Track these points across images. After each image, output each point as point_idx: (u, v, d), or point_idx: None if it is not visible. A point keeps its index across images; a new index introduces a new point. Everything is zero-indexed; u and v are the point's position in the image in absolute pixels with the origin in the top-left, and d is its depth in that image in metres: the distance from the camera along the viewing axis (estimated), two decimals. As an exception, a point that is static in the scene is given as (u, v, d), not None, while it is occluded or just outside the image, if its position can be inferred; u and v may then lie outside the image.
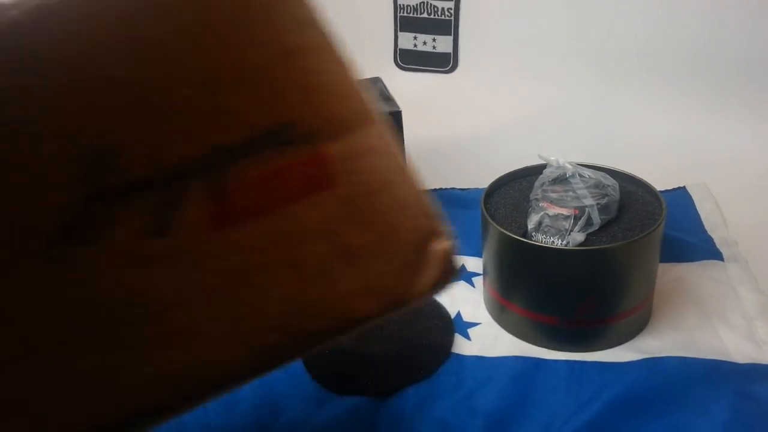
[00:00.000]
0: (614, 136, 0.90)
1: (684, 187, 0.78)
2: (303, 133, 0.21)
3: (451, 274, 0.24)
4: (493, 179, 0.62)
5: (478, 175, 0.72)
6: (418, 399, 0.52)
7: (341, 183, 0.22)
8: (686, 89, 0.90)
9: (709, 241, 0.69)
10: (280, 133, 0.21)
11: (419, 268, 0.23)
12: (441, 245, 0.24)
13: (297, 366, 0.55)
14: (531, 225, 0.54)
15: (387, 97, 0.69)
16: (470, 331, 0.59)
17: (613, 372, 0.53)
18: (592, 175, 0.57)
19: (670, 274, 0.63)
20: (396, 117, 0.65)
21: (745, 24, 0.84)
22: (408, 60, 1.07)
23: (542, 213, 0.54)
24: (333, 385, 0.53)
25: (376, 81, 0.73)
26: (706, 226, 0.71)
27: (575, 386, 0.52)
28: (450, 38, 1.04)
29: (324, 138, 0.22)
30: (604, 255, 0.52)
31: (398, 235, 0.23)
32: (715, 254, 0.66)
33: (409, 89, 1.05)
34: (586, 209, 0.54)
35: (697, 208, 0.75)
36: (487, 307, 0.61)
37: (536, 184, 0.58)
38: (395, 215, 0.23)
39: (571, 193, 0.55)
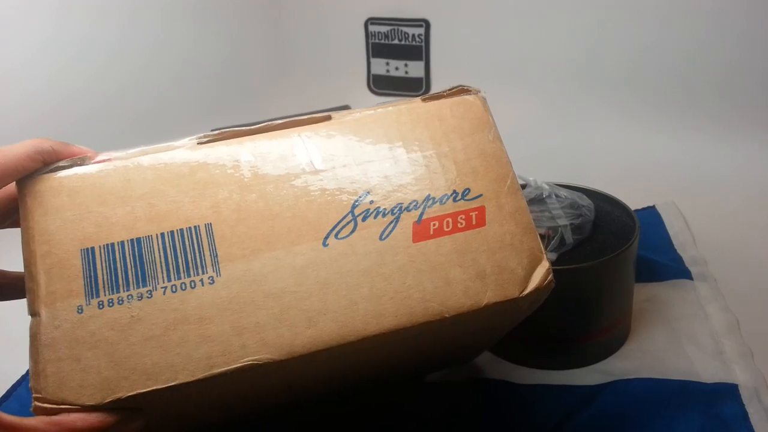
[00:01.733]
0: (585, 156, 0.91)
1: (654, 206, 0.79)
2: (473, 194, 0.38)
3: (548, 286, 0.38)
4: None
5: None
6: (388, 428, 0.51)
7: (490, 224, 0.38)
8: (655, 109, 0.91)
9: (679, 260, 0.69)
10: (460, 193, 0.38)
11: (528, 279, 0.37)
12: (543, 268, 0.38)
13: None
14: None
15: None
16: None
17: (581, 396, 0.52)
18: (568, 195, 0.57)
19: (641, 294, 0.63)
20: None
21: (715, 45, 0.85)
22: (381, 85, 1.08)
23: None
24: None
25: (344, 108, 0.73)
26: (675, 245, 0.72)
27: (542, 411, 0.51)
28: (422, 63, 1.05)
29: (483, 199, 0.38)
30: (576, 274, 0.52)
31: (519, 258, 0.38)
32: (685, 273, 0.66)
33: (382, 114, 1.06)
34: (560, 229, 0.54)
35: (667, 227, 0.75)
36: None
37: None
38: (519, 245, 0.38)
39: (546, 213, 0.56)
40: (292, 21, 1.07)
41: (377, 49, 1.07)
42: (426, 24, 1.03)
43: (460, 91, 0.43)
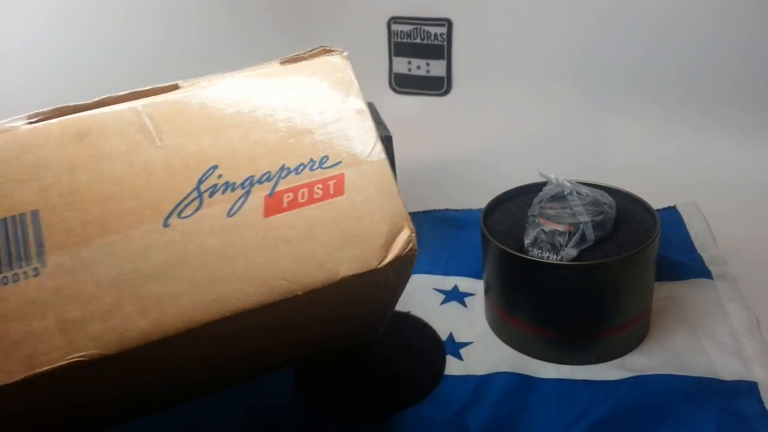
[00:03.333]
0: (606, 155, 0.91)
1: (674, 206, 0.79)
2: (332, 161, 0.36)
3: (410, 254, 0.36)
4: (489, 199, 0.63)
5: (473, 196, 0.73)
6: (409, 422, 0.52)
7: (349, 192, 0.36)
8: (679, 110, 0.91)
9: (699, 260, 0.70)
10: (318, 162, 0.36)
11: (388, 249, 0.36)
12: (405, 235, 0.36)
13: (287, 387, 0.56)
14: (527, 240, 0.56)
15: (378, 122, 0.70)
16: (462, 351, 0.59)
17: (602, 390, 0.53)
18: (590, 193, 0.58)
19: (660, 292, 0.64)
20: (386, 141, 0.67)
21: (732, 44, 0.85)
22: (403, 84, 1.09)
23: (538, 229, 0.55)
24: (323, 407, 0.54)
25: (369, 106, 0.75)
26: (695, 245, 0.72)
27: (564, 405, 0.52)
28: (443, 62, 1.06)
29: (343, 166, 0.36)
30: (595, 270, 0.53)
31: (378, 227, 0.36)
32: (705, 273, 0.67)
33: (404, 112, 1.07)
34: (581, 226, 0.55)
35: (687, 227, 0.76)
36: (489, 322, 0.63)
37: (535, 201, 0.60)
38: (379, 213, 0.36)
39: (568, 210, 0.57)
40: (315, 20, 1.09)
41: (399, 48, 1.08)
42: (448, 23, 1.04)
43: (322, 52, 0.40)
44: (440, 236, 0.77)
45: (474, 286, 0.67)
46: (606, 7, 0.92)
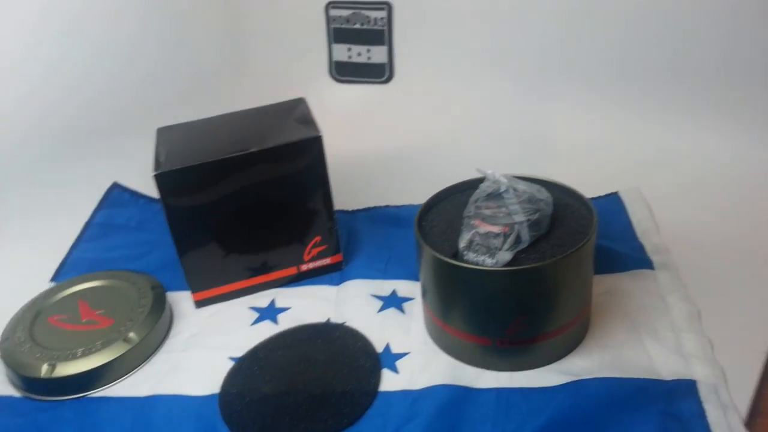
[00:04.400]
0: (549, 142, 0.90)
1: (617, 192, 0.78)
2: None
3: None
4: (430, 195, 0.61)
5: (416, 190, 0.70)
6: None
7: None
8: (621, 94, 0.89)
9: (640, 248, 0.68)
10: None
11: None
12: None
13: (214, 417, 0.53)
14: (462, 244, 0.54)
15: (308, 121, 0.67)
16: (398, 363, 0.57)
17: (540, 399, 0.52)
18: (527, 189, 0.56)
19: (600, 286, 0.62)
20: (316, 142, 0.63)
21: (671, 26, 0.84)
22: (343, 72, 1.05)
23: (473, 231, 0.53)
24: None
25: (299, 102, 0.71)
26: (637, 233, 0.71)
27: (501, 417, 0.51)
28: (385, 48, 1.02)
29: None
30: (530, 274, 0.51)
31: None
32: (646, 263, 0.66)
33: (345, 102, 1.03)
34: (516, 226, 0.53)
35: (629, 215, 0.74)
36: (427, 329, 0.60)
37: (471, 200, 0.57)
38: None
39: (503, 209, 0.55)
40: (247, 5, 1.04)
41: (339, 34, 1.04)
42: (388, 7, 1.00)
43: None
44: (380, 236, 0.74)
45: (413, 289, 0.65)
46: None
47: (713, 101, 0.83)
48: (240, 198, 0.64)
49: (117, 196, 0.86)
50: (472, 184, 0.61)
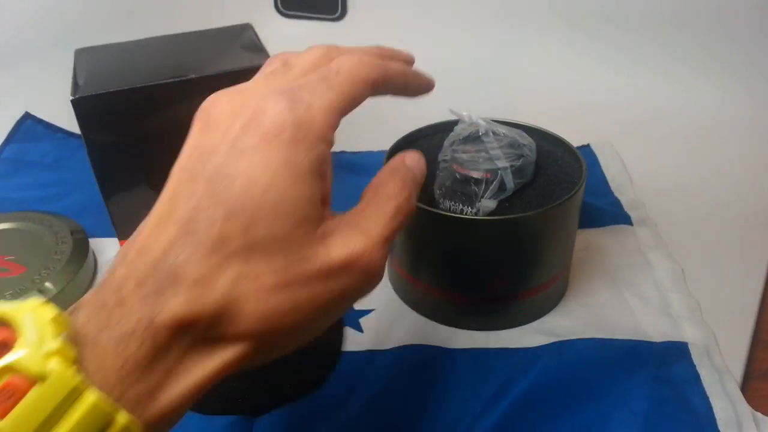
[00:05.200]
0: (514, 89, 0.84)
1: (588, 145, 0.73)
2: None
3: None
4: (392, 141, 0.54)
5: (374, 137, 0.63)
6: (304, 414, 0.43)
7: None
8: (591, 40, 0.84)
9: (617, 203, 0.64)
10: None
11: None
12: None
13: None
14: (438, 190, 0.48)
15: (258, 48, 0.58)
16: (362, 321, 0.51)
17: (521, 360, 0.47)
18: (508, 133, 0.50)
19: (578, 241, 0.57)
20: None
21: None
22: (290, 5, 0.95)
23: (450, 176, 0.47)
24: (202, 405, 0.44)
25: (246, 28, 0.62)
26: (612, 188, 0.67)
27: (479, 381, 0.45)
28: (337, -19, 0.93)
29: None
30: (518, 225, 0.46)
31: None
32: (624, 218, 0.62)
33: (292, 39, 0.93)
34: (499, 172, 0.47)
35: (603, 168, 0.70)
36: (393, 286, 0.54)
37: (446, 143, 0.51)
38: None
39: (483, 154, 0.48)
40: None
41: (286, -37, 0.94)
42: (341, -66, 0.90)
43: None
44: (336, 184, 0.66)
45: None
46: None
47: (688, 50, 0.79)
48: (175, 134, 0.54)
49: (29, 127, 0.74)
50: (445, 127, 0.55)
